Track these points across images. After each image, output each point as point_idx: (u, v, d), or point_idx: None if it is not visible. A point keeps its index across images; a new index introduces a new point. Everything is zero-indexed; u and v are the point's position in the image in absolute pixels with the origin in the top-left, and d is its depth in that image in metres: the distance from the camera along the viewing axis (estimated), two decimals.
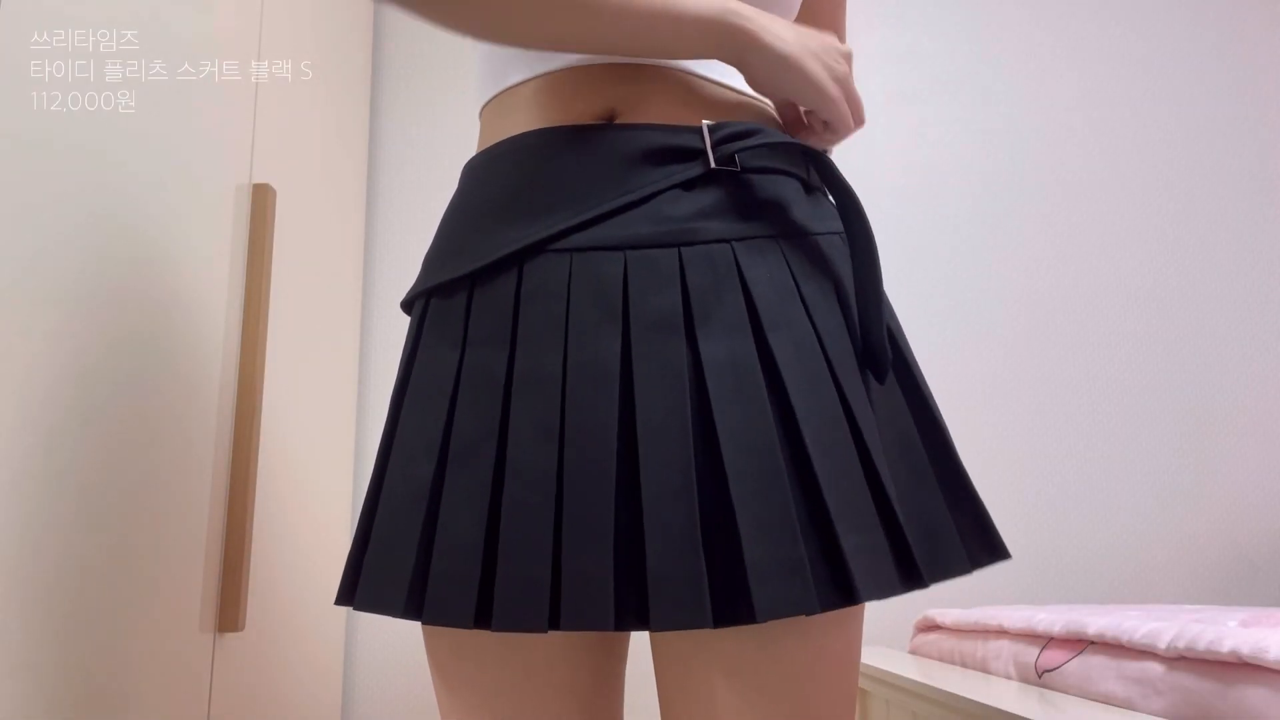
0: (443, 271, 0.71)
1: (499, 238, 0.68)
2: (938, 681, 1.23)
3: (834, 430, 0.61)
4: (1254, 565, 1.82)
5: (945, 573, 0.64)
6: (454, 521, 0.62)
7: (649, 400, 0.60)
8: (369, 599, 0.64)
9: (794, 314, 0.64)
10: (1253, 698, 0.82)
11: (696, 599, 0.56)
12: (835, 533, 0.58)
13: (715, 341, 0.62)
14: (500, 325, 0.65)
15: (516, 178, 0.70)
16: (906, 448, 0.67)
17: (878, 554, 0.59)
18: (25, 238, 0.85)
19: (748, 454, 0.59)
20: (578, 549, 0.58)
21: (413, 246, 1.94)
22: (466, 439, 0.64)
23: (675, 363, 0.61)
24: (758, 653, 0.61)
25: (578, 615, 0.57)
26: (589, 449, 0.60)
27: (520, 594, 0.58)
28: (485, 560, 0.60)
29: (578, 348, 0.63)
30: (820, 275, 0.68)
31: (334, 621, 1.69)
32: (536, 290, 0.65)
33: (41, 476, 0.85)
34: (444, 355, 0.67)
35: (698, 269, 0.64)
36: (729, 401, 0.60)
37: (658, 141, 0.68)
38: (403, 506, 0.65)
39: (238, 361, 1.25)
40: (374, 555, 0.65)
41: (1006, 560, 0.67)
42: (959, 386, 1.89)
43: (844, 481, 0.60)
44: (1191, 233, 1.97)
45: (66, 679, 0.88)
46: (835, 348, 0.65)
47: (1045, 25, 2.05)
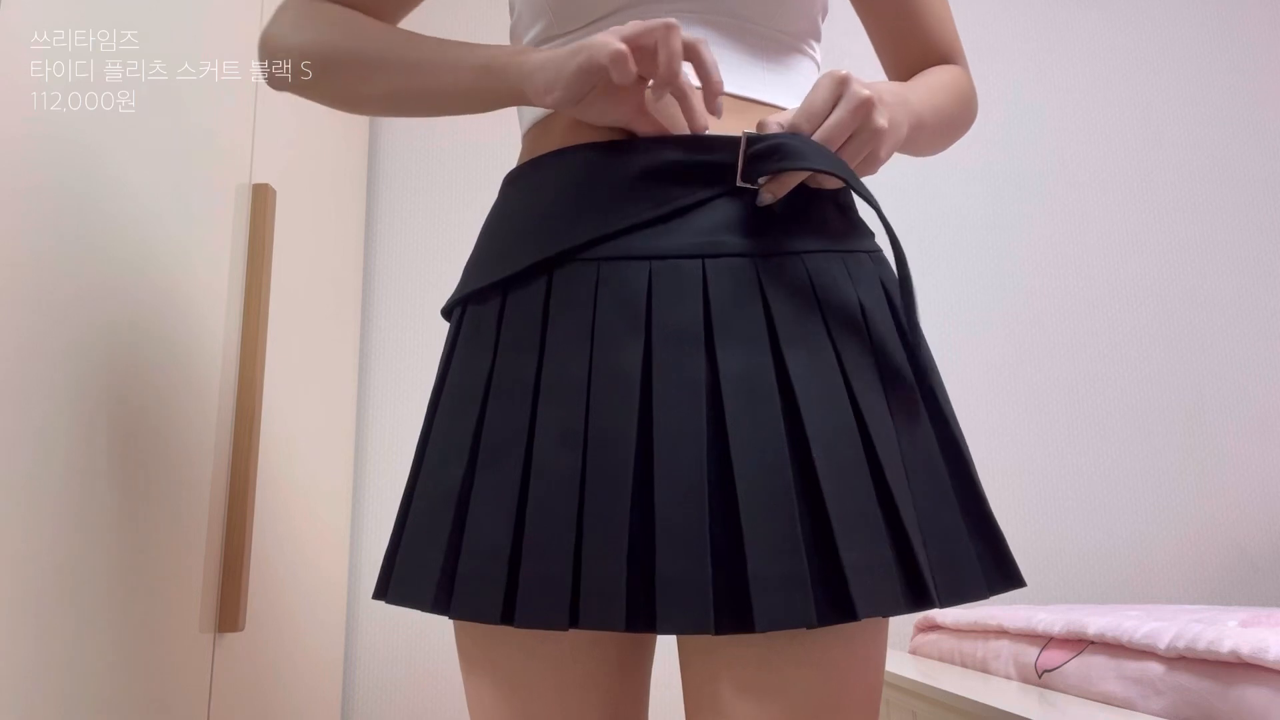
0: (478, 278, 0.73)
1: (531, 246, 0.70)
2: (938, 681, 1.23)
3: (846, 448, 0.62)
4: (1254, 565, 1.82)
5: (961, 596, 0.64)
6: (482, 521, 0.64)
7: (666, 409, 0.62)
8: (400, 593, 0.67)
9: (813, 330, 0.65)
10: (1253, 698, 0.82)
11: (701, 605, 0.58)
12: (837, 549, 0.59)
13: (733, 355, 0.63)
14: (530, 331, 0.68)
15: (547, 190, 0.72)
16: (931, 472, 0.67)
17: (882, 571, 0.60)
18: (25, 238, 0.85)
19: (757, 468, 0.60)
20: (596, 551, 0.60)
21: (413, 246, 1.94)
22: (496, 442, 0.66)
23: (693, 374, 0.63)
24: (778, 664, 0.62)
25: (594, 615, 0.60)
26: (609, 455, 0.62)
27: (543, 592, 0.61)
28: (512, 558, 0.62)
29: (602, 355, 0.65)
30: (843, 293, 0.68)
31: (334, 621, 1.69)
32: (565, 299, 0.67)
33: (41, 476, 0.85)
34: (478, 361, 0.70)
35: (720, 282, 0.65)
36: (742, 414, 0.61)
37: (689, 157, 0.68)
38: (434, 506, 0.67)
39: (238, 361, 1.25)
40: (407, 551, 0.68)
41: (1022, 588, 0.68)
42: (960, 385, 1.88)
43: (852, 499, 0.61)
44: (1193, 233, 1.97)
45: (67, 679, 0.88)
46: (854, 364, 0.65)
47: (1047, 24, 2.05)
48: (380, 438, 1.86)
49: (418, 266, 1.93)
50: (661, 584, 0.58)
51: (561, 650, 0.69)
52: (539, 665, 0.69)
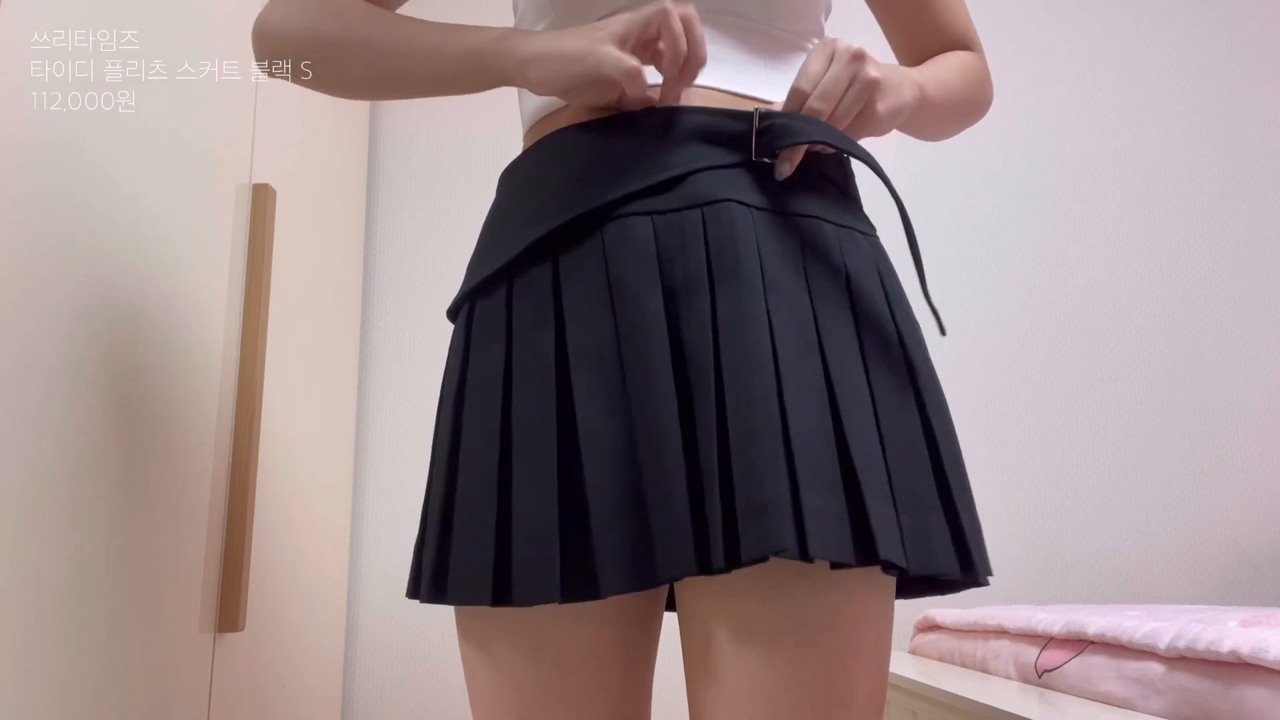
0: (481, 271, 0.74)
1: (531, 228, 0.71)
2: (938, 681, 1.23)
3: (811, 398, 0.63)
4: (1254, 565, 1.82)
5: (931, 566, 0.64)
6: (527, 504, 0.64)
7: (692, 361, 0.64)
8: (460, 592, 0.66)
9: (793, 285, 0.67)
10: (1253, 698, 0.82)
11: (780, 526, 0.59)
12: (799, 488, 0.60)
13: (729, 298, 0.65)
14: (543, 308, 0.68)
15: (548, 173, 0.73)
16: (910, 444, 0.67)
17: (833, 520, 0.60)
18: (25, 237, 0.85)
19: (747, 402, 0.62)
20: (660, 503, 0.62)
21: (413, 246, 1.94)
22: (526, 422, 0.66)
23: (701, 317, 0.64)
24: (767, 610, 0.63)
25: (671, 567, 0.61)
26: (656, 413, 0.63)
27: (617, 558, 0.62)
28: (564, 533, 0.63)
29: (624, 311, 0.66)
30: (830, 260, 0.70)
31: (334, 621, 1.69)
32: (574, 266, 0.68)
33: (41, 476, 0.85)
34: (492, 349, 0.70)
35: (718, 223, 0.67)
36: (734, 350, 0.63)
37: (703, 124, 0.70)
38: (476, 499, 0.67)
39: (238, 361, 1.25)
40: (459, 549, 0.67)
41: (980, 585, 0.68)
42: (961, 386, 1.88)
43: (811, 447, 0.62)
44: (1195, 234, 1.97)
45: (67, 679, 0.88)
46: (829, 325, 0.67)
47: (1049, 24, 2.05)
48: (380, 438, 1.86)
49: (418, 266, 1.93)
50: (713, 524, 0.60)
51: (563, 652, 0.69)
52: (544, 667, 0.69)
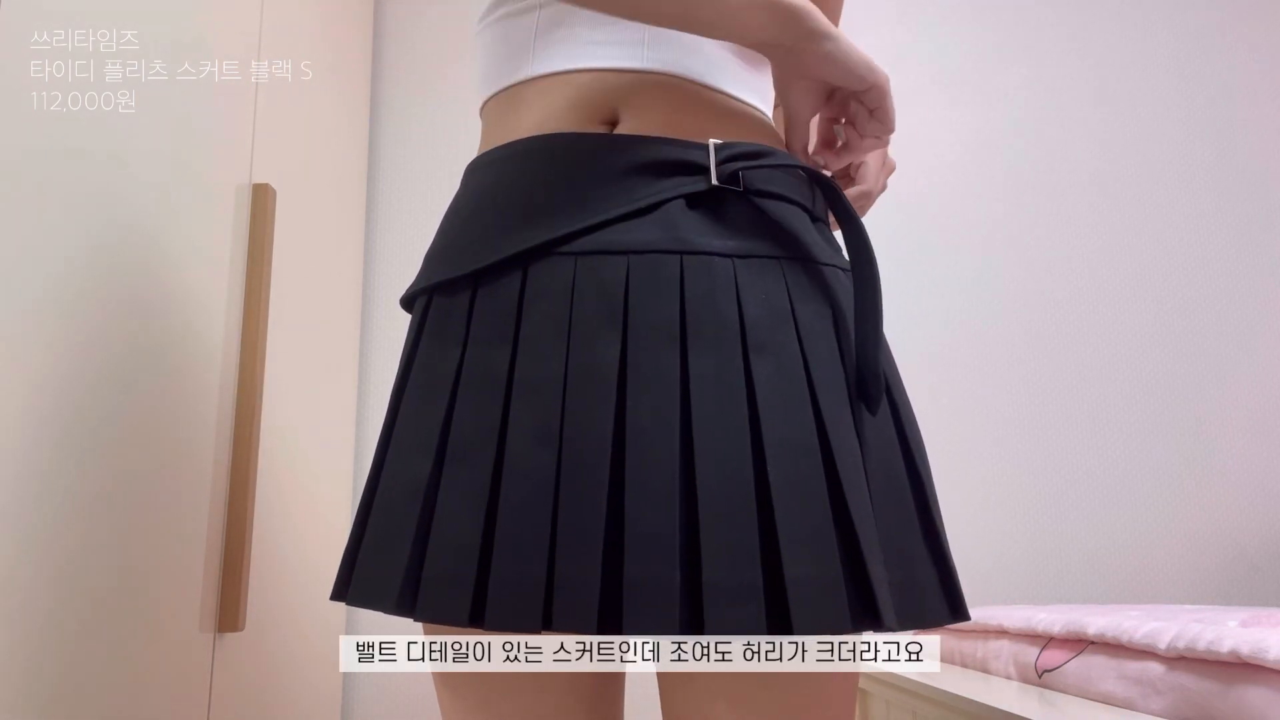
0: (445, 270, 0.71)
1: (503, 239, 0.68)
2: (938, 681, 1.23)
3: (803, 459, 0.61)
4: (1254, 565, 1.82)
5: (920, 621, 0.63)
6: (451, 520, 0.62)
7: (640, 410, 0.61)
8: (362, 594, 0.65)
9: (784, 337, 0.64)
10: (1253, 698, 0.82)
11: (667, 607, 0.57)
12: (781, 562, 0.58)
13: (705, 356, 0.62)
14: (504, 325, 0.66)
15: (521, 182, 0.70)
16: (896, 494, 0.66)
17: (828, 588, 0.58)
18: (25, 238, 0.85)
19: (720, 476, 0.59)
20: (571, 553, 0.59)
21: (413, 246, 1.94)
22: (466, 438, 0.64)
23: (668, 372, 0.62)
24: (754, 678, 0.62)
25: (568, 617, 0.58)
26: (585, 454, 0.60)
27: (515, 594, 0.59)
28: (481, 559, 0.60)
29: (578, 351, 0.63)
30: (819, 301, 0.67)
31: (334, 621, 1.69)
32: (541, 291, 0.65)
33: (41, 476, 0.85)
34: (445, 353, 0.68)
35: (696, 279, 0.64)
36: (707, 420, 0.60)
37: (664, 154, 0.68)
38: (399, 503, 0.65)
39: (238, 361, 1.25)
40: (369, 551, 0.66)
41: (966, 621, 0.68)
42: (959, 385, 1.89)
43: (803, 514, 0.59)
44: (1193, 232, 1.97)
45: (67, 679, 0.88)
46: (822, 374, 0.64)
47: (1046, 24, 2.05)
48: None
49: (417, 266, 1.92)
50: (628, 585, 0.57)
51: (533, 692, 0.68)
52: (515, 675, 0.67)
